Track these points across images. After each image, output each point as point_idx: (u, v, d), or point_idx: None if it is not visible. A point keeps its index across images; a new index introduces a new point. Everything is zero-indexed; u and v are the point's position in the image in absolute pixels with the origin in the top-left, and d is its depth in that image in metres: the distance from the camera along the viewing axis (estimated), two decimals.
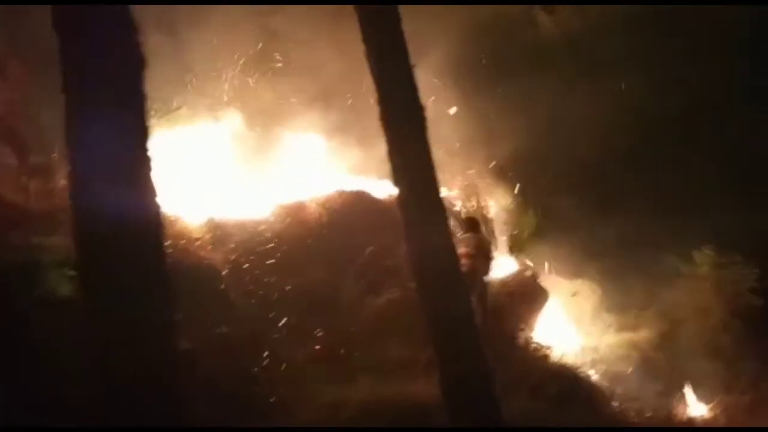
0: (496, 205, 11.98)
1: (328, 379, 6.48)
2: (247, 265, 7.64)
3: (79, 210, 3.09)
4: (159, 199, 3.29)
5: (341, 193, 8.98)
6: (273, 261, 7.93)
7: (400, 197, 5.62)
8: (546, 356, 7.84)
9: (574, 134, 10.93)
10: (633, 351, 8.96)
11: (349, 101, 9.39)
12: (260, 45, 9.85)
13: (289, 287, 7.93)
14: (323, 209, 8.79)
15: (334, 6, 7.82)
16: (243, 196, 8.74)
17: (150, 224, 3.08)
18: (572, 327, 9.00)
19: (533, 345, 8.06)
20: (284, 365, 6.60)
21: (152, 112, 3.76)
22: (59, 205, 7.25)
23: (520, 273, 9.13)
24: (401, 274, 8.10)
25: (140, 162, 3.19)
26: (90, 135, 3.13)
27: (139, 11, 3.32)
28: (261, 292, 7.58)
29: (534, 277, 9.14)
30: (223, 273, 7.40)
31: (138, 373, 2.85)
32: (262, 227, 8.26)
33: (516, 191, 11.46)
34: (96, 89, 3.14)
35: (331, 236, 8.52)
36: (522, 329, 8.20)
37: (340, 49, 8.21)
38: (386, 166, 5.77)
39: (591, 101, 10.69)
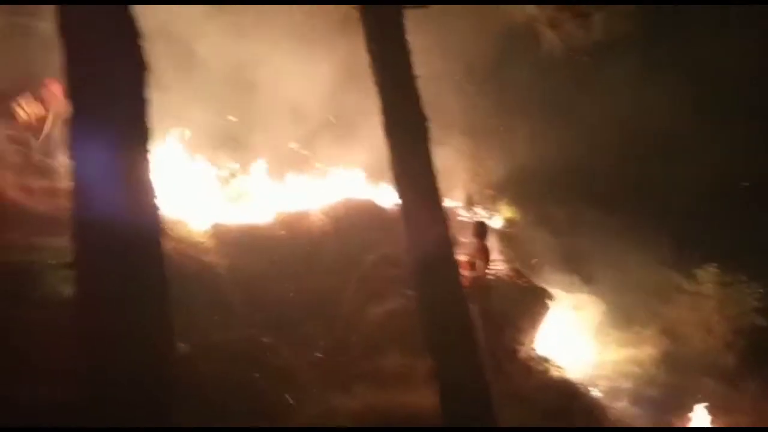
0: (499, 216, 12.06)
1: (326, 386, 6.48)
2: (249, 271, 7.68)
3: (77, 211, 3.13)
4: (160, 202, 3.33)
5: (347, 202, 9.03)
6: (275, 268, 7.97)
7: (402, 207, 5.64)
8: (546, 370, 7.79)
9: (579, 148, 10.95)
10: (634, 367, 8.89)
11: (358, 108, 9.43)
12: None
13: (291, 294, 7.98)
14: (327, 217, 8.83)
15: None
16: (249, 203, 8.80)
17: (149, 225, 3.12)
18: (573, 341, 8.95)
19: (533, 358, 8.01)
20: (283, 372, 6.60)
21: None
22: (62, 205, 7.36)
23: (520, 283, 9.09)
24: (403, 283, 8.13)
25: (140, 165, 3.24)
26: (92, 138, 3.18)
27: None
28: (263, 298, 7.61)
29: (535, 289, 9.10)
30: (226, 278, 7.43)
31: (132, 376, 2.87)
32: (266, 234, 8.30)
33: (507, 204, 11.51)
34: (99, 93, 3.19)
35: (334, 245, 8.55)
36: (522, 342, 8.16)
37: (344, 54, 8.32)
38: None
39: (595, 115, 10.72)
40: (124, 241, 3.07)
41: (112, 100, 3.21)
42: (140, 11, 3.44)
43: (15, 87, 8.43)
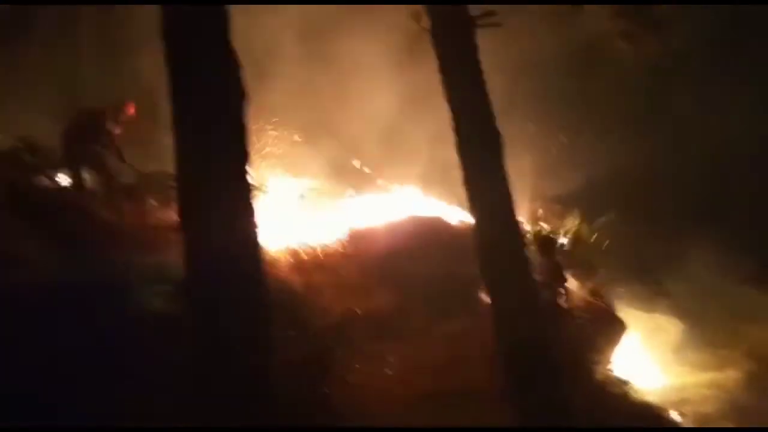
0: (566, 233, 11.77)
1: (399, 404, 6.49)
2: (320, 288, 7.82)
3: (187, 233, 3.33)
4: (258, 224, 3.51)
5: (414, 219, 9.07)
6: (345, 285, 8.08)
7: (476, 225, 5.64)
8: (624, 393, 7.50)
9: (656, 160, 10.59)
10: (720, 392, 8.43)
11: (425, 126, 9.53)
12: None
13: (360, 310, 8.07)
14: (395, 234, 8.90)
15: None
16: (320, 220, 9.00)
17: (251, 247, 3.30)
18: (652, 363, 8.58)
19: (611, 379, 7.75)
20: (356, 388, 6.66)
21: None
22: (149, 224, 7.78)
23: (594, 303, 8.83)
24: (471, 301, 8.09)
25: (242, 188, 3.41)
26: (196, 161, 3.37)
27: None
28: (333, 315, 7.73)
29: (610, 308, 8.82)
30: (300, 295, 7.60)
31: (238, 384, 3.06)
32: (336, 252, 8.45)
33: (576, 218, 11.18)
34: (203, 120, 3.40)
35: (401, 261, 8.60)
36: (598, 362, 7.90)
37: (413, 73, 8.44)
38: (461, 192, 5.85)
39: (674, 126, 10.35)
40: (229, 261, 3.26)
41: (216, 126, 3.40)
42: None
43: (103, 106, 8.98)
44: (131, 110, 8.67)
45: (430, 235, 8.89)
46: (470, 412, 6.40)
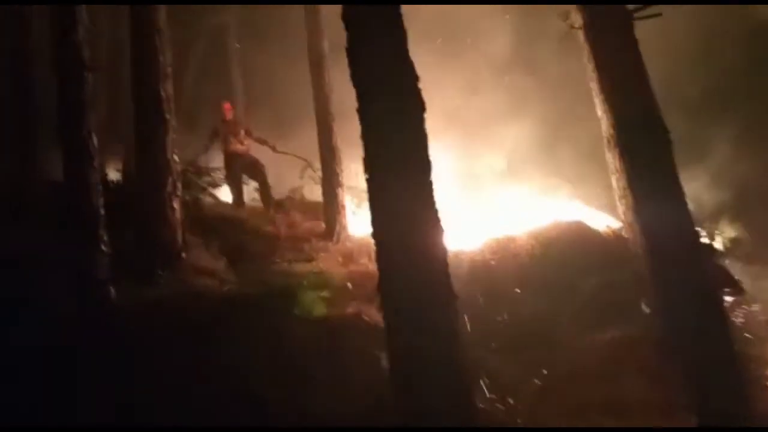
0: (722, 236, 10.89)
1: (557, 414, 6.31)
2: (465, 296, 7.79)
3: (379, 239, 3.52)
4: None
5: (557, 224, 8.82)
6: (489, 294, 8.00)
7: (645, 232, 5.37)
8: None
9: None
10: None
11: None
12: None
13: (503, 318, 7.94)
14: (536, 241, 8.70)
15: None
16: (458, 228, 9.01)
17: (440, 250, 3.43)
18: None
19: None
20: (509, 398, 6.57)
21: None
22: (300, 235, 8.26)
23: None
24: (626, 309, 7.69)
25: (427, 194, 3.54)
26: (384, 172, 3.54)
27: None
28: (475, 322, 7.67)
29: None
30: None
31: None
32: (477, 259, 8.41)
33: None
34: (389, 132, 3.57)
35: (544, 269, 8.38)
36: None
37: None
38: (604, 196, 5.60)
39: None
40: (420, 265, 3.39)
41: (400, 137, 3.56)
42: None
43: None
44: (228, 109, 9.54)
45: (576, 241, 8.57)
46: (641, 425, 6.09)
